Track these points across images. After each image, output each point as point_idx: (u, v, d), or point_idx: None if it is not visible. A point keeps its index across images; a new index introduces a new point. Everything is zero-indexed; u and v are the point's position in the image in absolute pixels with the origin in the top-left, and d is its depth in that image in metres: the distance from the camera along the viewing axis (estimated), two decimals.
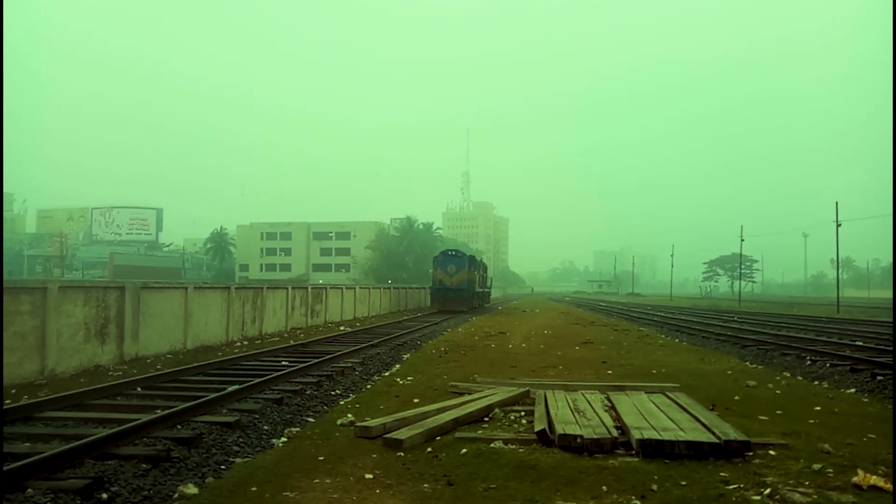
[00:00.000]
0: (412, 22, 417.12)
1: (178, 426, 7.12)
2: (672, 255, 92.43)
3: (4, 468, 5.08)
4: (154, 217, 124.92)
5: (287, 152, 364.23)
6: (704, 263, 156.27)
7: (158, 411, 7.51)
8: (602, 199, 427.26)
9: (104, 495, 5.05)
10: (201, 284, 18.99)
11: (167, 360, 13.81)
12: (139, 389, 9.56)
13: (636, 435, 6.25)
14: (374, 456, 6.35)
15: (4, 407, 7.82)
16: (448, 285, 37.52)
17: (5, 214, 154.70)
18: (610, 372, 12.64)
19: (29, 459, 5.27)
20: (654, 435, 6.24)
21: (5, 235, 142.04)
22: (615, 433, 6.53)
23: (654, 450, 6.02)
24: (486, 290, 50.24)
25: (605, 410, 7.78)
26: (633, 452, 6.13)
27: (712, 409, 8.17)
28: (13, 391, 9.76)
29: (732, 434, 6.28)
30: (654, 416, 7.25)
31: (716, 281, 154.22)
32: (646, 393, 9.03)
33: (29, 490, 4.93)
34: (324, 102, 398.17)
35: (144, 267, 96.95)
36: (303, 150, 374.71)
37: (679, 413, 7.46)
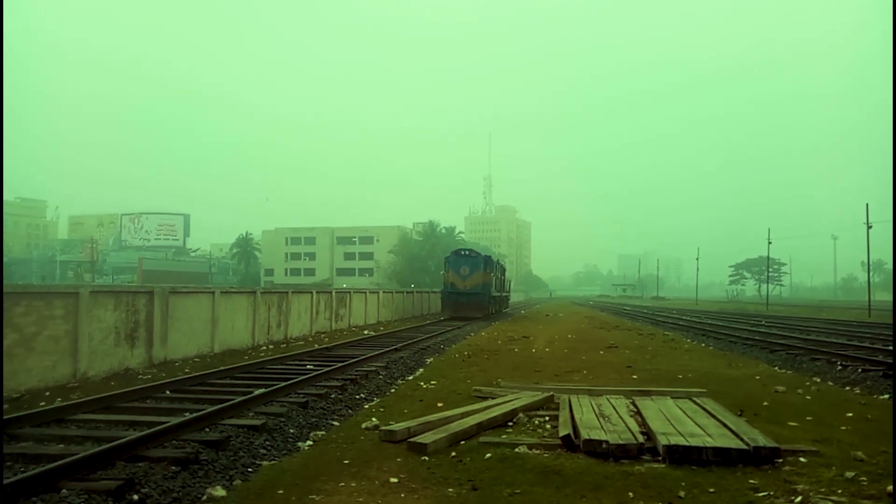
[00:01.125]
0: (427, 28, 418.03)
1: (207, 429, 7.23)
2: (697, 259, 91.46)
3: (40, 469, 5.21)
4: (181, 223, 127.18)
5: (308, 160, 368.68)
6: (731, 266, 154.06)
7: (187, 414, 7.64)
8: (626, 202, 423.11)
9: (135, 497, 5.14)
10: (228, 289, 19.26)
11: (195, 364, 14.01)
12: (168, 392, 9.72)
13: (662, 441, 6.18)
14: (399, 460, 6.37)
15: (40, 409, 8.02)
16: (461, 289, 33.56)
17: (39, 221, 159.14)
18: (635, 377, 12.53)
19: (63, 461, 5.40)
20: (680, 441, 6.17)
21: (39, 242, 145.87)
22: (641, 439, 6.47)
23: (681, 456, 5.95)
24: (504, 294, 46.80)
25: (631, 415, 7.71)
26: (660, 458, 6.07)
27: (740, 415, 8.05)
28: (47, 393, 10.01)
29: (762, 440, 6.18)
30: (681, 421, 7.17)
31: (742, 284, 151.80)
32: (672, 398, 8.93)
33: (63, 490, 5.04)
34: (342, 110, 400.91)
35: (172, 272, 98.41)
36: (324, 157, 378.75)
37: (706, 419, 7.37)
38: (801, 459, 6.13)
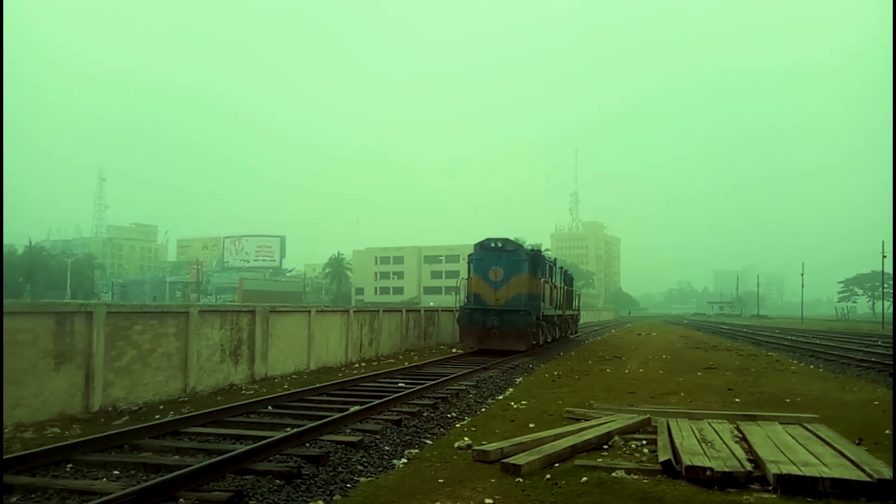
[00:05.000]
0: (504, 39, 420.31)
1: (307, 444, 7.50)
2: (802, 274, 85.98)
3: (160, 479, 5.58)
4: (278, 244, 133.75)
5: (399, 193, 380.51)
6: (840, 283, 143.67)
7: (288, 429, 7.97)
8: (721, 208, 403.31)
9: None
10: (323, 308, 19.93)
11: (293, 381, 14.57)
12: (270, 408, 10.16)
13: (773, 469, 5.84)
14: (493, 480, 6.35)
15: (156, 421, 8.59)
16: (490, 303, 20.80)
17: (150, 245, 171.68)
18: (737, 400, 11.91)
19: (179, 471, 5.76)
20: (793, 470, 5.80)
21: (151, 264, 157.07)
22: (748, 466, 6.14)
23: (794, 486, 5.59)
24: (570, 312, 31.65)
25: (736, 441, 7.34)
26: (770, 488, 5.73)
27: (858, 444, 7.48)
28: (161, 407, 10.71)
29: (886, 472, 5.71)
30: (792, 449, 6.75)
31: (854, 301, 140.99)
32: (780, 424, 8.43)
33: (181, 500, 5.39)
34: (429, 150, 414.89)
35: (269, 291, 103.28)
36: (413, 189, 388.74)
37: (820, 447, 6.90)
38: None
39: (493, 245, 21.59)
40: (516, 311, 20.58)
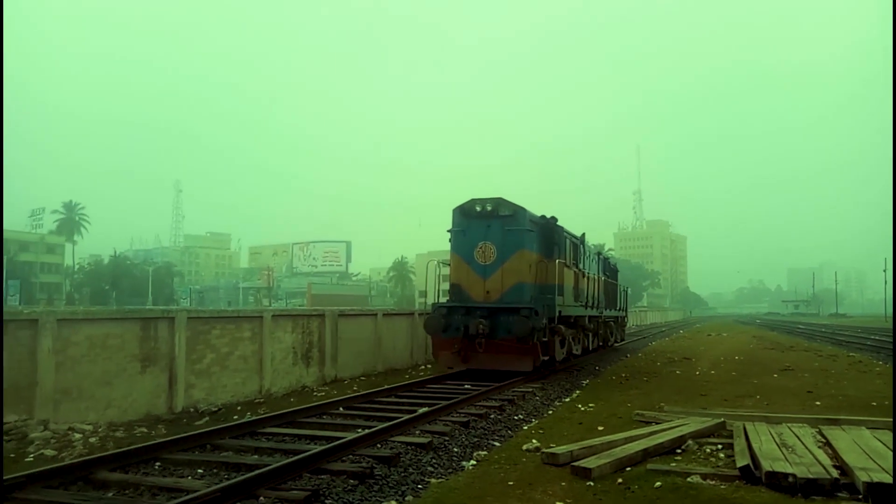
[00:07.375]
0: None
1: (378, 445, 7.65)
2: (885, 270, 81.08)
3: (241, 478, 5.84)
4: (344, 250, 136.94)
5: (455, 197, 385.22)
6: None
7: (360, 430, 8.15)
8: (796, 207, 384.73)
9: None
10: (389, 311, 20.27)
11: (361, 383, 14.87)
12: (341, 409, 10.40)
13: (862, 477, 5.56)
14: (563, 484, 6.32)
15: (234, 422, 8.96)
16: (475, 299, 14.30)
17: (224, 252, 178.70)
18: (818, 403, 11.39)
19: (259, 471, 5.99)
20: (885, 478, 5.51)
21: (225, 271, 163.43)
22: (835, 473, 5.87)
23: (888, 495, 5.31)
24: (612, 314, 23.67)
25: (819, 447, 7.03)
26: (860, 497, 5.47)
27: None
28: (239, 408, 11.16)
29: None
30: (883, 455, 6.41)
31: None
32: (867, 428, 8.02)
33: (261, 498, 5.62)
34: (485, 152, 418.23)
35: (336, 295, 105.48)
36: (470, 190, 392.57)
37: None
38: None
39: (478, 209, 14.46)
40: (515, 310, 13.77)
